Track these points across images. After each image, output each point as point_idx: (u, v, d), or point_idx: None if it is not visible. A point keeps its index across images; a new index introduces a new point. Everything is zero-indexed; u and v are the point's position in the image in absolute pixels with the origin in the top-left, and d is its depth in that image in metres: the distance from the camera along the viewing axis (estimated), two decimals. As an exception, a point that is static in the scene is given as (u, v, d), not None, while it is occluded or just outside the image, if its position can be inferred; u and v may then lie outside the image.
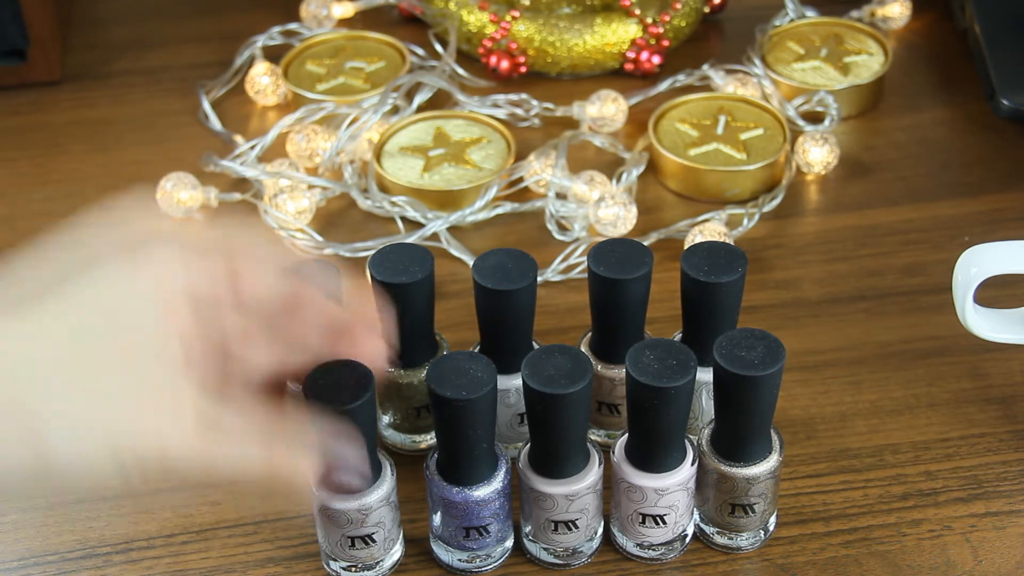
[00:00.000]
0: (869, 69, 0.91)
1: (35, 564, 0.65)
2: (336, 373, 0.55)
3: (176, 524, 0.66)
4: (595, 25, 0.92)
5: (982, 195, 0.84)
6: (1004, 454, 0.68)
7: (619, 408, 0.68)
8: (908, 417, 0.70)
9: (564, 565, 0.64)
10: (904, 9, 0.97)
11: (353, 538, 0.61)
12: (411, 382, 0.67)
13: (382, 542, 0.62)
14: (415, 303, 0.64)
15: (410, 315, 0.64)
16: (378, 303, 0.60)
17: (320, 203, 0.83)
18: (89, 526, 0.66)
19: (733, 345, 0.59)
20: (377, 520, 0.61)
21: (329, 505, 0.60)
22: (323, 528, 0.61)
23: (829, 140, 0.85)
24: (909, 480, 0.67)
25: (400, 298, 0.62)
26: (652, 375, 0.57)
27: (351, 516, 0.60)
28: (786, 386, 0.69)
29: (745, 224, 0.81)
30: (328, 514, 0.60)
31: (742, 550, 0.64)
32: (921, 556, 0.64)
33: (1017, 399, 0.71)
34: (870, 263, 0.79)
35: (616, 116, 0.88)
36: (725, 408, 0.60)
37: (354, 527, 0.60)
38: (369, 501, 0.60)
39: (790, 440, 0.69)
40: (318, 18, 0.97)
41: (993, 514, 0.65)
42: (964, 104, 0.91)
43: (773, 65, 0.92)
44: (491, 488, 0.61)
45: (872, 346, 0.74)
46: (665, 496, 0.61)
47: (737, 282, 0.63)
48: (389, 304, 0.61)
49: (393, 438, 0.69)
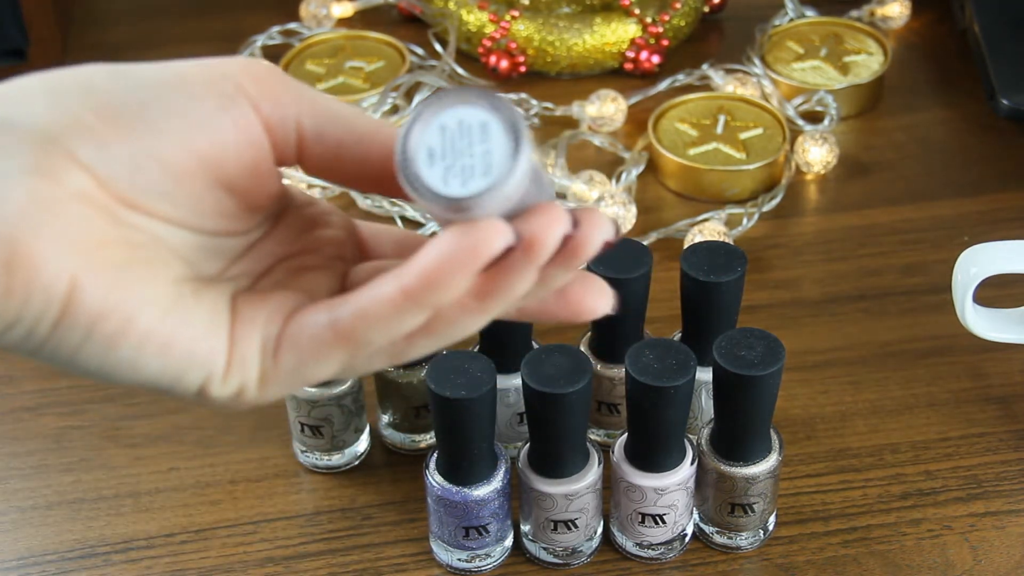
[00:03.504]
0: (869, 69, 0.91)
1: (35, 563, 0.65)
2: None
3: (175, 524, 0.66)
4: (595, 25, 0.92)
5: (982, 195, 0.84)
6: (1004, 454, 0.68)
7: (619, 408, 0.68)
8: (908, 417, 0.70)
9: (564, 565, 0.64)
10: (904, 9, 0.97)
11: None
12: (411, 381, 0.67)
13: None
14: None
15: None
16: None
17: (320, 203, 0.83)
18: (89, 526, 0.66)
19: (733, 345, 0.59)
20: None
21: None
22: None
23: (828, 140, 0.85)
24: (908, 480, 0.67)
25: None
26: (652, 375, 0.57)
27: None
28: (786, 386, 0.69)
29: (745, 224, 0.81)
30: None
31: (741, 550, 0.64)
32: (920, 556, 0.64)
33: (1017, 399, 0.71)
34: (870, 263, 0.79)
35: (615, 116, 0.88)
36: (725, 408, 0.60)
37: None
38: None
39: (790, 440, 0.69)
40: (318, 18, 0.97)
41: (992, 514, 0.65)
42: (964, 104, 0.91)
43: (773, 65, 0.92)
44: (490, 488, 0.61)
45: (872, 346, 0.74)
46: (665, 496, 0.61)
47: (737, 282, 0.63)
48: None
49: (392, 437, 0.69)
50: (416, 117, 0.38)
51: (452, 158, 0.37)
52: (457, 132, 0.37)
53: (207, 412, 0.71)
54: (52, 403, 0.72)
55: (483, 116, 0.37)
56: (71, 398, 0.72)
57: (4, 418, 0.72)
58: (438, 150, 0.37)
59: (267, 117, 0.40)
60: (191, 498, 0.67)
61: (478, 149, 0.37)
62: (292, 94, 0.41)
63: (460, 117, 0.37)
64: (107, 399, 0.72)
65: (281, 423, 0.70)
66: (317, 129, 0.41)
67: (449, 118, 0.37)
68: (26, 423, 0.71)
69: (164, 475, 0.69)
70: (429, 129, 0.37)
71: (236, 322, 0.40)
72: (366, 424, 0.69)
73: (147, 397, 0.72)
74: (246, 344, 0.39)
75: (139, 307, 0.37)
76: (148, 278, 0.38)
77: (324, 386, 0.66)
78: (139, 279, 0.38)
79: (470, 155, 0.37)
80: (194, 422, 0.71)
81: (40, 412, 0.72)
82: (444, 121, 0.37)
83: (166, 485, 0.68)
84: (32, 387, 0.73)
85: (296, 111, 0.41)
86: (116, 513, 0.67)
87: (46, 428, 0.71)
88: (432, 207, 0.37)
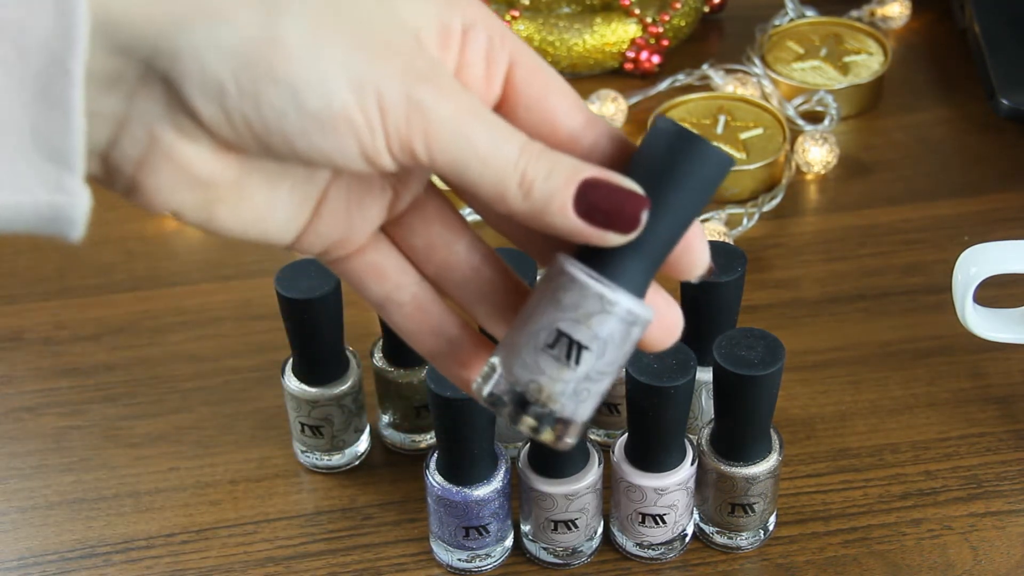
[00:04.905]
0: (869, 69, 0.91)
1: (35, 563, 0.65)
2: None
3: (176, 524, 0.66)
4: (595, 25, 0.92)
5: (982, 195, 0.84)
6: (1004, 453, 0.68)
7: (619, 408, 0.68)
8: (908, 417, 0.70)
9: (564, 565, 0.64)
10: (904, 9, 0.97)
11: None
12: (411, 381, 0.67)
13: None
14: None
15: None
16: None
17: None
18: (89, 526, 0.66)
19: (733, 345, 0.59)
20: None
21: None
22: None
23: (829, 140, 0.85)
24: (909, 480, 0.67)
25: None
26: (652, 375, 0.57)
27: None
28: (786, 386, 0.69)
29: (745, 224, 0.81)
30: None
31: (742, 550, 0.64)
32: (921, 556, 0.64)
33: (1016, 399, 0.71)
34: (870, 263, 0.79)
35: (616, 116, 0.88)
36: (725, 408, 0.60)
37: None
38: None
39: (790, 440, 0.69)
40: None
41: (993, 514, 0.65)
42: (964, 104, 0.91)
43: (773, 65, 0.92)
44: (491, 488, 0.61)
45: (872, 346, 0.74)
46: (665, 496, 0.61)
47: (737, 282, 0.63)
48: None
49: (392, 437, 0.69)
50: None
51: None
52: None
53: (207, 412, 0.72)
54: (52, 403, 0.72)
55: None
56: (71, 398, 0.72)
57: (4, 418, 0.72)
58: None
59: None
60: (191, 498, 0.67)
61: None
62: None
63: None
64: (107, 399, 0.72)
65: (281, 423, 0.70)
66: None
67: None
68: (26, 423, 0.71)
69: (164, 475, 0.69)
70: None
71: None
72: (366, 424, 0.69)
73: (147, 397, 0.72)
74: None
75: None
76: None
77: (325, 386, 0.66)
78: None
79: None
80: (194, 422, 0.71)
81: (40, 412, 0.72)
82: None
83: (166, 485, 0.68)
84: (32, 387, 0.73)
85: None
86: (116, 513, 0.67)
87: (46, 428, 0.71)
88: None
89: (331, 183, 0.40)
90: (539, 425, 0.39)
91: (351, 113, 0.36)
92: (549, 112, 0.40)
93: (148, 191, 0.37)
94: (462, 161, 0.37)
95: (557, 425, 0.39)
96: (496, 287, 0.42)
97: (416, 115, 0.36)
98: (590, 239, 0.38)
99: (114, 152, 0.37)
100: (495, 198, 0.38)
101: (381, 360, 0.67)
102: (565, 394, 0.39)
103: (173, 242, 0.82)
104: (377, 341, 0.68)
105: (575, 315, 0.38)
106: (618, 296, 0.38)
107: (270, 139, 0.36)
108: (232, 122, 0.36)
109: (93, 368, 0.74)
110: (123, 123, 0.36)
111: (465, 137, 0.37)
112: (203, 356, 0.75)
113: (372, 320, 0.71)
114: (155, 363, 0.74)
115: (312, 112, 0.36)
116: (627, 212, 0.38)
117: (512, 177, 0.37)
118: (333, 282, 0.63)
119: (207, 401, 0.72)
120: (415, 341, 0.43)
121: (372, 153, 0.37)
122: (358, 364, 0.67)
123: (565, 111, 0.40)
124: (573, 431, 0.39)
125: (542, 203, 0.38)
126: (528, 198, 0.38)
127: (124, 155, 0.37)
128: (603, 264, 0.38)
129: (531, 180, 0.37)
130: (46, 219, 0.35)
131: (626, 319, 0.38)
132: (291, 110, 0.36)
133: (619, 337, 0.38)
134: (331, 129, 0.36)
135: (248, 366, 0.74)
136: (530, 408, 0.39)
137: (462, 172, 0.37)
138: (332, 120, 0.36)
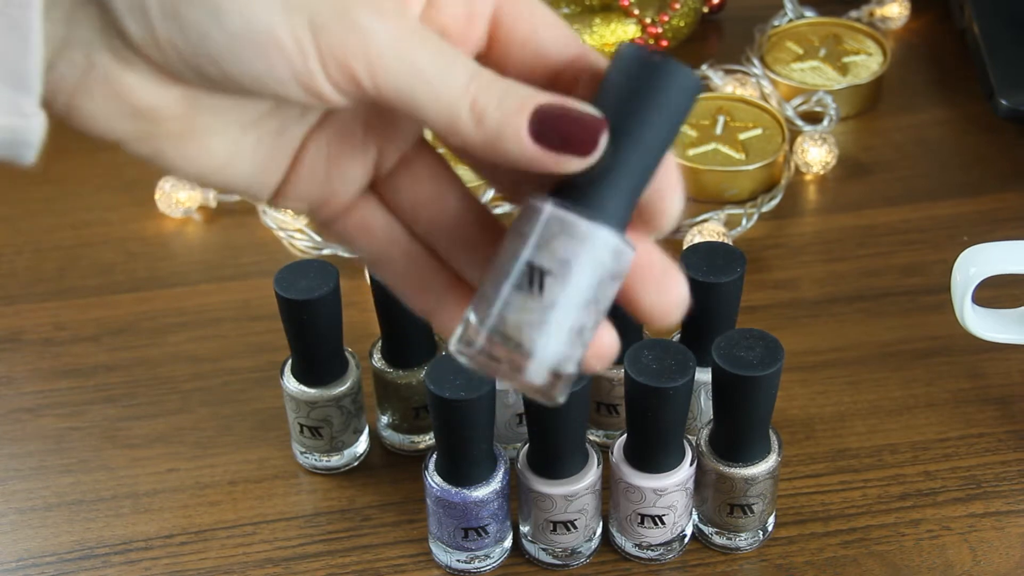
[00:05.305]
0: (868, 69, 0.91)
1: (33, 565, 0.65)
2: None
3: (174, 525, 0.66)
4: (594, 25, 0.92)
5: (981, 195, 0.84)
6: (1003, 454, 0.68)
7: (618, 408, 0.68)
8: (907, 417, 0.70)
9: (563, 565, 0.64)
10: (903, 9, 0.97)
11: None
12: (410, 382, 0.67)
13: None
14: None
15: (408, 315, 0.64)
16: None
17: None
18: (87, 527, 0.66)
19: (732, 345, 0.59)
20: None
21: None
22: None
23: (828, 140, 0.85)
24: (908, 480, 0.67)
25: (397, 298, 0.62)
26: (651, 375, 0.57)
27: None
28: (785, 386, 0.69)
29: (744, 224, 0.81)
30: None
31: (741, 550, 0.64)
32: (920, 556, 0.64)
33: (1016, 399, 0.71)
34: (869, 263, 0.79)
35: (615, 116, 0.88)
36: (724, 408, 0.60)
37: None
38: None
39: (789, 440, 0.69)
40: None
41: (992, 514, 0.65)
42: (963, 104, 0.91)
43: (772, 65, 0.92)
44: (489, 488, 0.61)
45: (871, 346, 0.74)
46: (664, 496, 0.61)
47: (736, 282, 0.63)
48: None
49: (391, 438, 0.69)
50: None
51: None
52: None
53: (207, 413, 0.72)
54: (52, 404, 0.72)
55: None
56: (71, 399, 0.72)
57: (4, 419, 0.72)
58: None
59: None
60: (190, 499, 0.67)
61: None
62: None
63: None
64: (107, 400, 0.72)
65: (280, 424, 0.70)
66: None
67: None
68: (25, 424, 0.71)
69: (163, 476, 0.69)
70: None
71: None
72: (365, 425, 0.69)
73: (147, 398, 0.72)
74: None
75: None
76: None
77: (324, 387, 0.66)
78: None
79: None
80: (194, 423, 0.71)
81: (39, 413, 0.72)
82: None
83: (165, 486, 0.68)
84: (32, 388, 0.73)
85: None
86: (115, 514, 0.67)
87: (45, 429, 0.71)
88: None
89: (309, 139, 0.39)
90: (514, 372, 0.37)
91: (277, 32, 0.35)
92: (542, 46, 0.38)
93: (84, 116, 0.37)
94: (408, 87, 0.36)
95: (536, 369, 0.37)
96: (490, 246, 0.41)
97: (354, 37, 0.35)
98: (548, 166, 0.36)
99: (51, 75, 0.36)
100: (447, 127, 0.36)
101: (380, 361, 0.67)
102: (532, 325, 0.36)
103: (173, 243, 0.82)
104: (376, 342, 0.68)
105: (536, 240, 0.37)
106: (579, 219, 0.36)
107: (198, 62, 0.35)
108: (159, 44, 0.35)
109: (93, 369, 0.74)
110: (61, 47, 0.36)
111: (410, 62, 0.35)
112: (202, 357, 0.75)
113: (371, 321, 0.71)
114: (155, 364, 0.74)
115: (233, 32, 0.35)
116: (583, 134, 0.36)
117: (462, 103, 0.36)
118: (332, 283, 0.63)
119: (206, 402, 0.72)
120: (409, 299, 0.42)
121: (307, 78, 0.35)
122: (357, 365, 0.67)
123: (559, 42, 0.39)
124: (557, 381, 0.37)
125: (496, 130, 0.36)
126: (481, 125, 0.36)
127: (62, 78, 0.36)
128: (574, 199, 0.37)
129: (483, 107, 0.36)
130: (3, 143, 0.35)
131: (594, 243, 0.36)
132: (213, 30, 0.35)
133: (587, 264, 0.37)
134: (257, 50, 0.35)
135: (247, 367, 0.74)
136: (500, 349, 0.37)
137: (409, 99, 0.36)
138: (256, 40, 0.35)
